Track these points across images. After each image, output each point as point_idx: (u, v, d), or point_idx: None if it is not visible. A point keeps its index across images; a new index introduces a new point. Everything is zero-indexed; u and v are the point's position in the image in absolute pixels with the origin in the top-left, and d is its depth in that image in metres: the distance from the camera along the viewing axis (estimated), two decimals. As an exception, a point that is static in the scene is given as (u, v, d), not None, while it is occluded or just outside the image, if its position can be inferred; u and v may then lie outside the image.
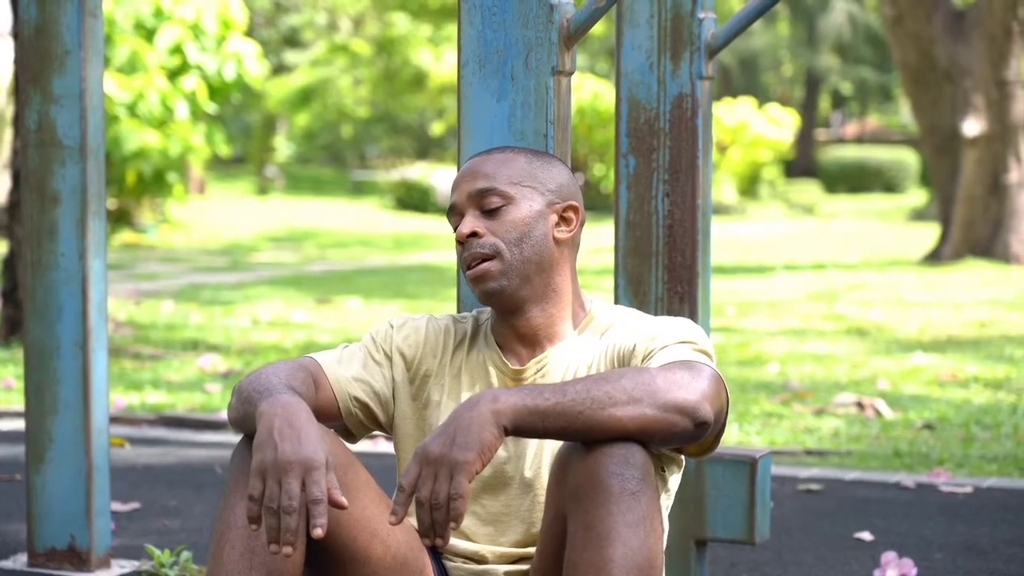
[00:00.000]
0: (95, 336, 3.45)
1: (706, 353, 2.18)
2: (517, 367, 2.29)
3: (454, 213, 2.32)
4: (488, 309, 2.40)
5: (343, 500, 1.97)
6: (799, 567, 3.73)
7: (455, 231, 2.30)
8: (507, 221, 2.27)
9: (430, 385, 2.33)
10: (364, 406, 2.32)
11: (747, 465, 3.09)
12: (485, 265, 2.25)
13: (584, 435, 2.02)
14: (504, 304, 2.28)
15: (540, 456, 2.25)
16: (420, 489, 1.97)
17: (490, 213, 2.27)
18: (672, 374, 2.06)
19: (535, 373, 2.28)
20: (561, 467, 2.07)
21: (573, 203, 2.33)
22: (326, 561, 2.16)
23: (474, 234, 2.27)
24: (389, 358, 2.34)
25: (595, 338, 2.31)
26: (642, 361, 2.18)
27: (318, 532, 1.94)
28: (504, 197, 2.27)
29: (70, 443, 3.44)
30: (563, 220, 2.32)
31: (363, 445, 5.28)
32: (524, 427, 2.01)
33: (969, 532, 4.10)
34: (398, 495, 1.99)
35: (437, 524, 1.97)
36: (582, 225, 2.34)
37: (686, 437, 2.06)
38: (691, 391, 2.05)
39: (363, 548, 2.16)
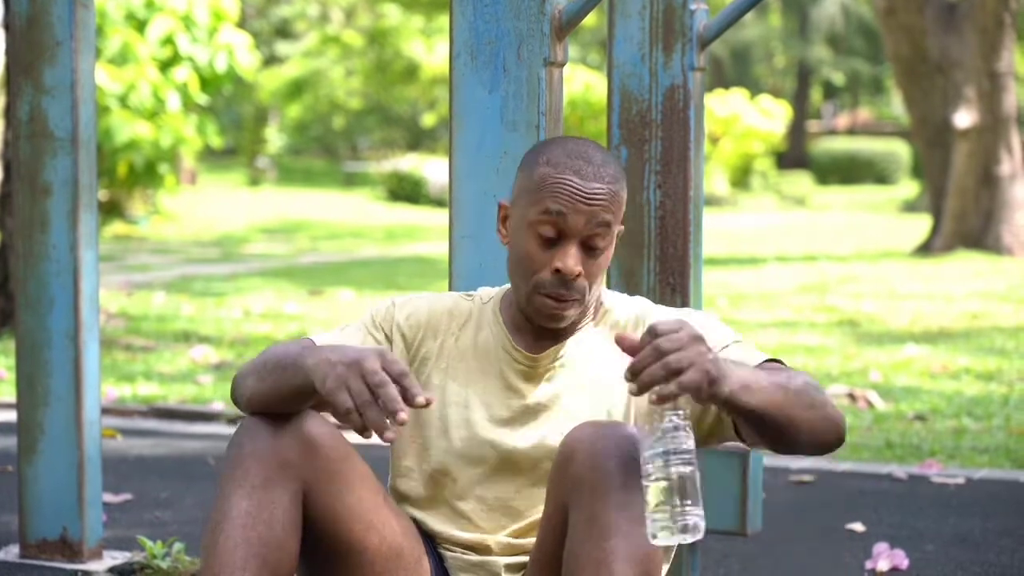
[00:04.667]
0: (87, 328, 3.45)
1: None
2: (530, 354, 2.22)
3: (557, 229, 2.15)
4: (495, 289, 2.33)
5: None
6: (791, 558, 3.73)
7: (549, 245, 2.15)
8: (598, 264, 2.18)
9: (429, 368, 2.26)
10: None
11: (739, 457, 3.09)
12: (571, 311, 2.17)
13: (769, 425, 2.00)
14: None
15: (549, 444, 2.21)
16: (668, 342, 1.87)
17: (591, 251, 2.16)
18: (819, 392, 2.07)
19: (552, 362, 2.22)
20: (564, 458, 2.02)
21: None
22: (322, 551, 2.15)
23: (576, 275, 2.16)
24: (389, 338, 2.27)
25: (614, 332, 2.24)
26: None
27: (421, 400, 1.91)
28: (610, 240, 2.18)
29: (62, 434, 3.44)
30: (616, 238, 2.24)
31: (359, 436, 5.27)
32: (734, 401, 1.95)
33: (960, 523, 4.11)
34: (644, 335, 1.89)
35: (652, 375, 1.87)
36: None
37: (828, 448, 2.08)
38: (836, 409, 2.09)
39: (359, 538, 2.14)
